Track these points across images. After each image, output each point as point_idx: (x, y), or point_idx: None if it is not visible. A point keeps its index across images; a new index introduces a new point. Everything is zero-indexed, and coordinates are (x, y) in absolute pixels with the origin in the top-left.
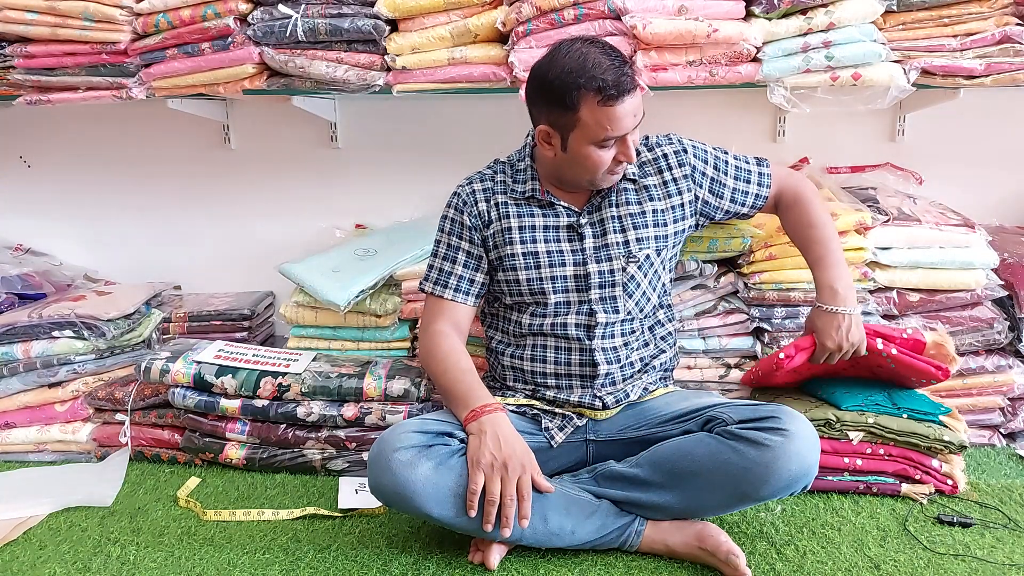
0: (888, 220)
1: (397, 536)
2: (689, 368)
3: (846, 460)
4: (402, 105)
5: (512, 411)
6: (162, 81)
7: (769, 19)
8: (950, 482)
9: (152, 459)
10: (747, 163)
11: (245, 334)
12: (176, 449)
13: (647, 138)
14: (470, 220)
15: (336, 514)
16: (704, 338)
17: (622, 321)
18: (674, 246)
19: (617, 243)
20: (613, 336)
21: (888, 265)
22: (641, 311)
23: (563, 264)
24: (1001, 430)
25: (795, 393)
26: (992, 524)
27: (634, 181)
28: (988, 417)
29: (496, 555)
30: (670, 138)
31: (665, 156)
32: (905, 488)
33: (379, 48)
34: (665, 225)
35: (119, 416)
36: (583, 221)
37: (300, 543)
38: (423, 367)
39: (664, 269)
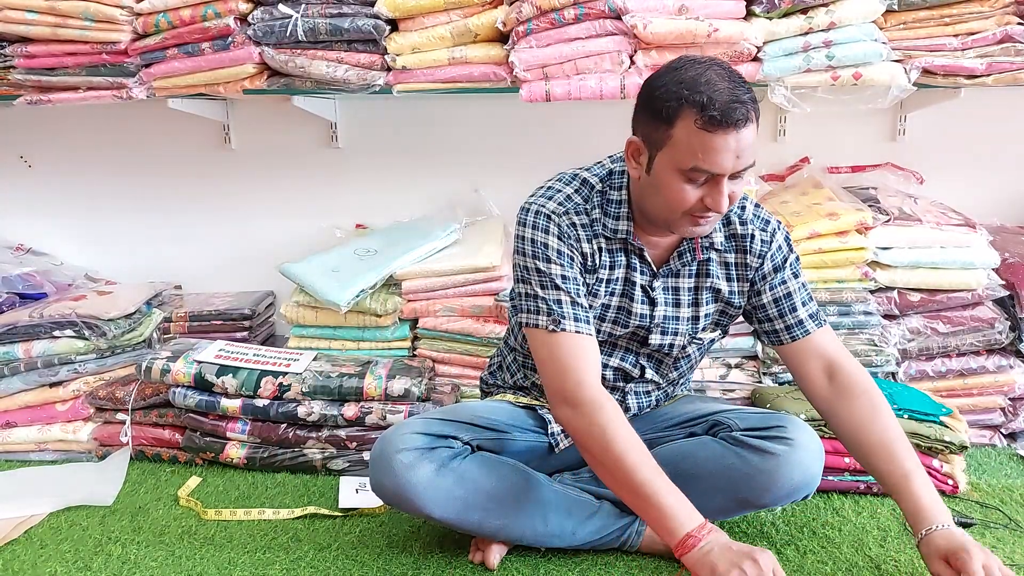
0: (889, 220)
1: (397, 535)
2: None
3: (847, 460)
4: (403, 105)
5: (521, 407)
6: (162, 81)
7: (770, 18)
8: (951, 482)
9: (153, 458)
10: (812, 299)
11: (246, 334)
12: (177, 448)
13: (743, 208)
14: (579, 256)
15: (336, 513)
16: None
17: (662, 378)
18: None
19: (686, 318)
20: (647, 382)
21: (889, 265)
22: (681, 376)
23: (626, 325)
24: (1002, 430)
25: (796, 393)
26: (993, 524)
27: (719, 252)
28: (989, 417)
29: (496, 554)
30: (767, 221)
31: (752, 237)
32: None
33: (379, 48)
34: (737, 308)
35: (120, 416)
36: (656, 284)
37: (300, 542)
38: (575, 435)
39: (718, 348)
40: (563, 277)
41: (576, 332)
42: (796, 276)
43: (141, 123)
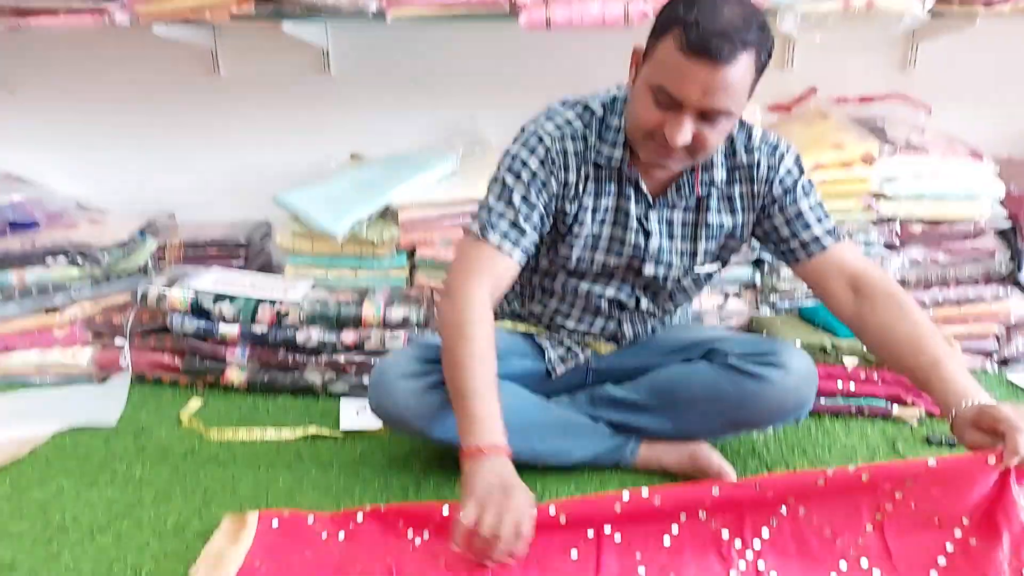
0: (895, 151)
1: (398, 454)
2: None
3: (840, 384)
4: (397, 31)
5: (519, 334)
6: (145, 6)
7: None
8: None
9: (153, 382)
10: (827, 216)
11: (241, 262)
12: (177, 372)
13: (750, 136)
14: (556, 185)
15: (338, 434)
16: None
17: (658, 308)
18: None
19: (682, 252)
20: (643, 311)
21: (893, 196)
22: (678, 306)
23: (619, 254)
24: (995, 356)
25: (793, 320)
26: None
27: (719, 188)
28: (983, 344)
29: None
30: (775, 147)
31: (758, 165)
32: (896, 411)
33: None
34: (741, 239)
35: (118, 340)
36: (651, 216)
37: (303, 460)
38: (440, 325)
39: (717, 277)
40: (523, 198)
41: (497, 248)
42: (807, 195)
43: (127, 50)
